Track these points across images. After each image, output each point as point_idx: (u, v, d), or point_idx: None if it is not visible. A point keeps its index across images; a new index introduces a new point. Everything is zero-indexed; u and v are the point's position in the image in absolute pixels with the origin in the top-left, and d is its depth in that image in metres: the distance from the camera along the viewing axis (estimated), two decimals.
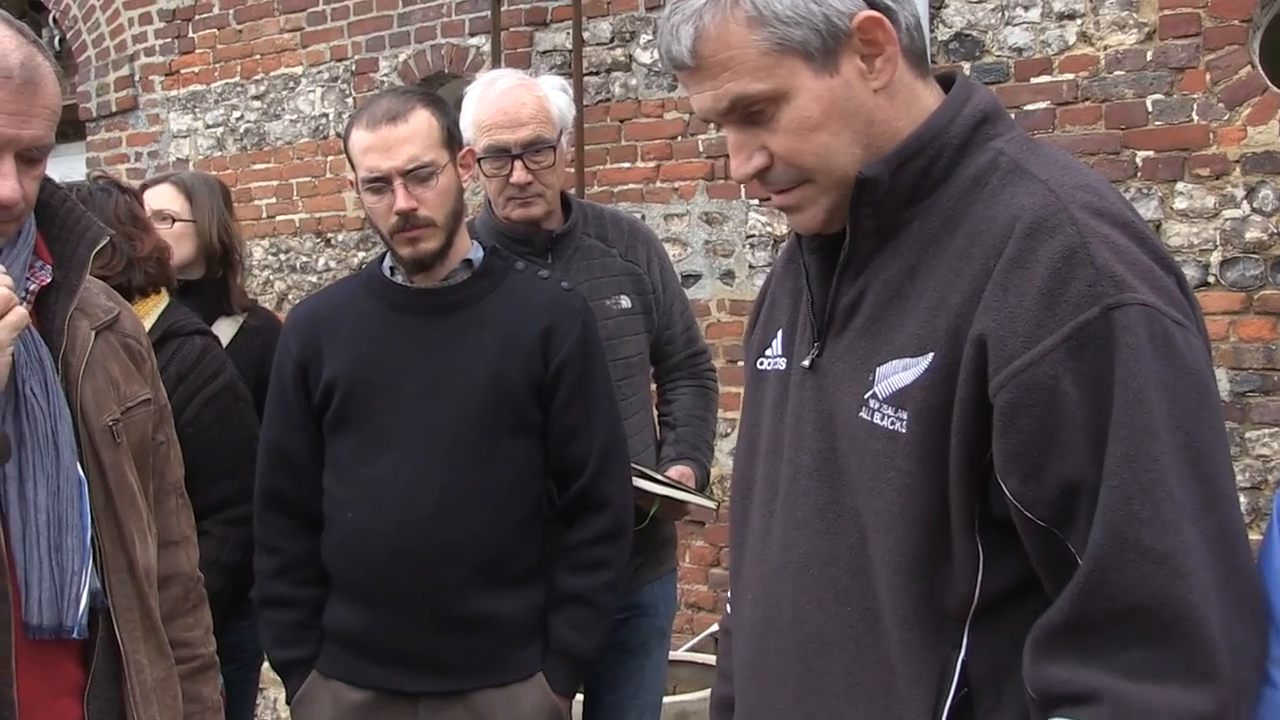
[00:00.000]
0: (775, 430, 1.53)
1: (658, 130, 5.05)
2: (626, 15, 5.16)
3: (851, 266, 1.42)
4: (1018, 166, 1.35)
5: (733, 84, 1.34)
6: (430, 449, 2.42)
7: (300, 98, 6.20)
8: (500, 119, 2.83)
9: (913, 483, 1.31)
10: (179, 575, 2.05)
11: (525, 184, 2.83)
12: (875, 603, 1.36)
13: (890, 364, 1.35)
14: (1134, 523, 1.19)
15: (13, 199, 1.67)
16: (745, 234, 4.93)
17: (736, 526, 1.62)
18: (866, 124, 1.37)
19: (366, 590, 2.45)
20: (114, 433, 1.85)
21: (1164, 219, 4.07)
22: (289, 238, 6.28)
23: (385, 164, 2.40)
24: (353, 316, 2.54)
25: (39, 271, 1.81)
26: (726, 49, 1.33)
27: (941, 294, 1.32)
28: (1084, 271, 1.22)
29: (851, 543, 1.39)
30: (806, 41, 1.32)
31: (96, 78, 6.83)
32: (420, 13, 5.75)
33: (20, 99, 1.65)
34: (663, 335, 3.10)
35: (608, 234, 3.03)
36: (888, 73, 1.36)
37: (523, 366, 2.46)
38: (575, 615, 2.49)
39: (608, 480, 2.53)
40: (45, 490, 1.72)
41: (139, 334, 2.01)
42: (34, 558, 1.70)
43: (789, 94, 1.34)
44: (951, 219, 1.35)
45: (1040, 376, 1.21)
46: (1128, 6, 4.13)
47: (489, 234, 2.87)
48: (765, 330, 1.63)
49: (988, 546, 1.29)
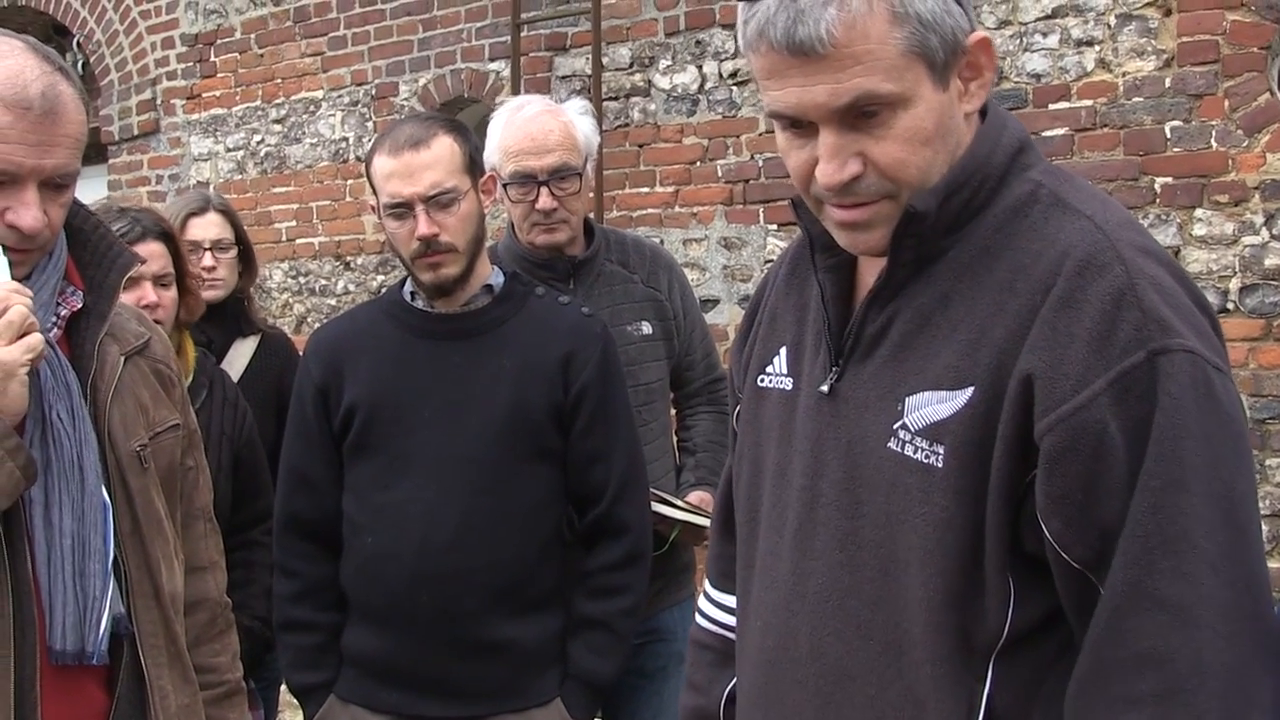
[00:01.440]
0: (782, 453, 1.50)
1: (676, 155, 5.07)
2: (645, 41, 5.18)
3: (884, 293, 1.39)
4: (1059, 199, 1.33)
5: (863, 79, 1.25)
6: (450, 474, 2.42)
7: (320, 121, 6.24)
8: (527, 145, 2.84)
9: (948, 517, 1.29)
10: (206, 600, 2.06)
11: (550, 210, 2.84)
12: (899, 636, 1.34)
13: (923, 395, 1.32)
14: (1153, 573, 1.18)
15: (36, 228, 1.68)
16: (764, 259, 4.93)
17: (744, 548, 1.59)
18: (955, 146, 1.34)
19: (385, 615, 2.45)
20: (142, 458, 1.86)
21: (1182, 245, 4.07)
22: (308, 260, 6.31)
23: (408, 190, 2.42)
24: (373, 341, 2.54)
25: (70, 297, 1.82)
26: (866, 41, 1.24)
27: (982, 327, 1.30)
28: (1131, 314, 1.21)
29: (872, 575, 1.37)
30: (936, 50, 1.27)
31: (119, 101, 6.88)
32: (440, 38, 5.79)
33: (41, 129, 1.66)
34: (682, 361, 3.10)
35: (629, 260, 3.04)
36: (980, 98, 1.35)
37: (543, 392, 2.46)
38: (594, 640, 2.49)
39: (627, 506, 2.53)
40: (70, 515, 1.72)
41: (169, 359, 2.02)
42: (58, 583, 1.71)
43: (911, 101, 1.27)
44: (989, 249, 1.33)
45: (1089, 421, 1.20)
46: (1146, 34, 4.14)
47: (512, 259, 2.88)
48: (765, 346, 1.59)
49: (1018, 582, 1.28)
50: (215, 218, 3.34)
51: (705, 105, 5.05)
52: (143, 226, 2.77)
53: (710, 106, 5.04)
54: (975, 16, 1.38)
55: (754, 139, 4.93)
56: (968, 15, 1.33)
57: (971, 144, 1.37)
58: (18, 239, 1.69)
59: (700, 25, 5.06)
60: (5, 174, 1.65)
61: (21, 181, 1.66)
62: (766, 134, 4.79)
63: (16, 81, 1.65)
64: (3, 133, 1.64)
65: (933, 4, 1.26)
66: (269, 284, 6.32)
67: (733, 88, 4.99)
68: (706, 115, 5.05)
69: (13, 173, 1.65)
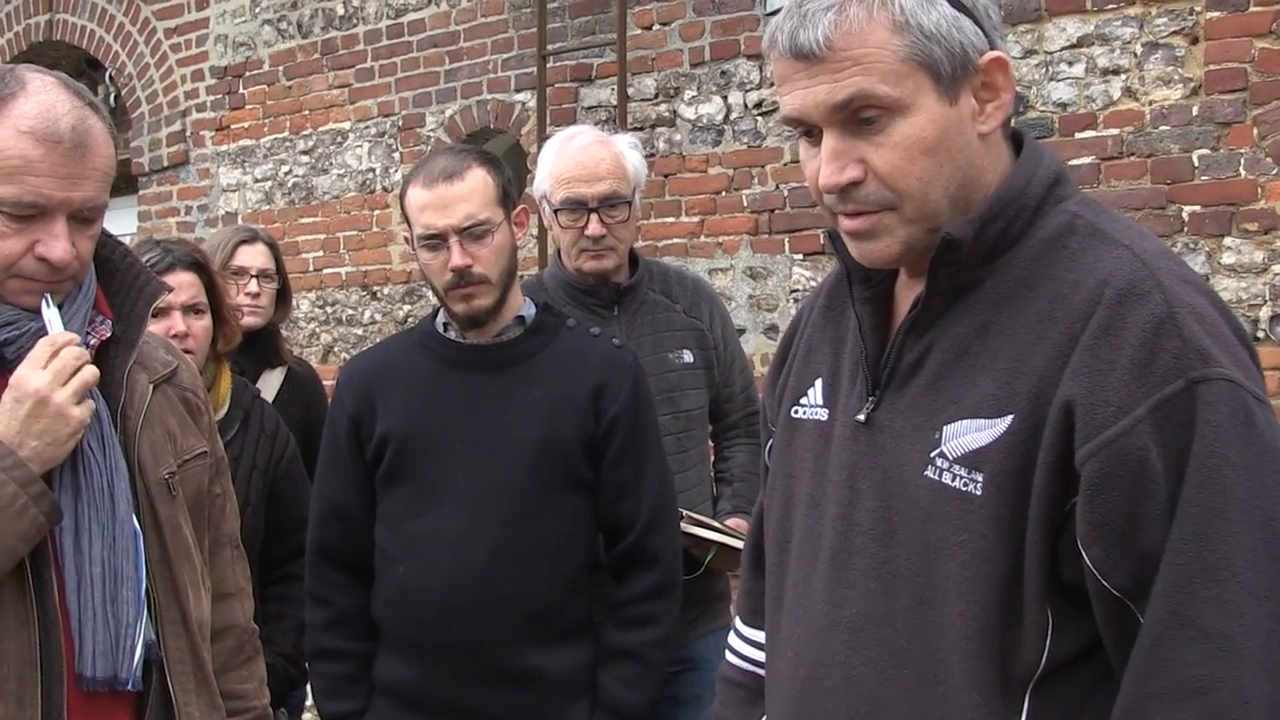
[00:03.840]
0: (816, 483, 1.50)
1: (702, 185, 5.09)
2: (671, 71, 5.21)
3: (920, 323, 1.40)
4: (1096, 230, 1.34)
5: (861, 79, 1.29)
6: (481, 504, 2.43)
7: (348, 152, 6.29)
8: (579, 173, 2.89)
9: (988, 546, 1.29)
10: (233, 627, 2.07)
11: (599, 236, 2.89)
12: (935, 666, 1.34)
13: (961, 423, 1.32)
14: (1194, 602, 1.18)
15: (65, 260, 1.71)
16: (789, 288, 4.94)
17: (773, 580, 1.58)
18: (967, 165, 1.35)
19: (417, 644, 2.45)
20: (170, 486, 1.88)
21: (1211, 274, 4.06)
22: (335, 290, 6.35)
23: (441, 221, 2.44)
24: (406, 372, 2.56)
25: (99, 326, 1.84)
26: (863, 45, 1.29)
27: (1021, 356, 1.30)
28: (1172, 342, 1.22)
29: (907, 604, 1.36)
30: (940, 62, 1.30)
31: (149, 133, 6.96)
32: (466, 69, 5.83)
33: (71, 162, 1.68)
34: (721, 393, 3.12)
35: (672, 290, 3.08)
36: (996, 119, 1.36)
37: (574, 423, 2.47)
38: (625, 671, 2.48)
39: (658, 537, 2.53)
40: (101, 543, 1.74)
41: (197, 387, 2.03)
42: (88, 610, 1.72)
43: (910, 109, 1.30)
44: (1027, 280, 1.34)
45: (1130, 447, 1.21)
46: (1173, 62, 4.14)
47: (557, 285, 2.94)
48: (800, 377, 1.59)
49: (1056, 612, 1.28)
50: (263, 248, 3.47)
51: (730, 135, 5.07)
52: (173, 256, 2.79)
53: (735, 137, 5.06)
54: (1000, 39, 1.38)
55: (779, 169, 4.94)
56: (987, 35, 1.34)
57: (1009, 176, 1.38)
58: (48, 271, 1.71)
59: (725, 56, 5.08)
60: (35, 206, 1.68)
61: (51, 214, 1.69)
62: (791, 164, 4.81)
63: (48, 116, 1.68)
64: (33, 166, 1.67)
65: (937, 17, 1.30)
66: (296, 313, 6.36)
67: (758, 118, 5.01)
68: (732, 145, 5.07)
69: (42, 205, 1.68)
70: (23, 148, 1.66)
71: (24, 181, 1.67)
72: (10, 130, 1.67)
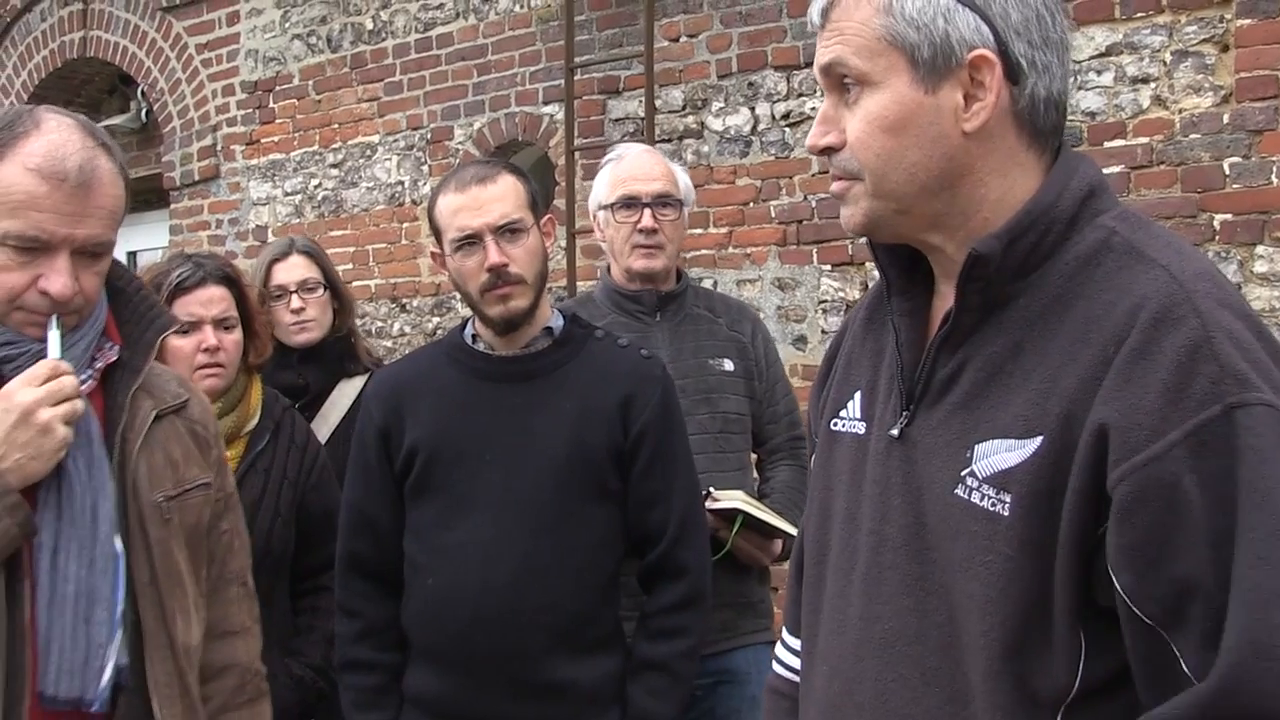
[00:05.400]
0: (852, 496, 1.49)
1: (730, 196, 5.09)
2: (698, 83, 5.22)
3: (952, 338, 1.39)
4: (1133, 248, 1.32)
5: (839, 49, 1.38)
6: (511, 515, 2.44)
7: (377, 165, 6.32)
8: (635, 172, 3.08)
9: (1014, 567, 1.27)
10: (235, 666, 2.06)
11: (652, 230, 3.00)
12: (964, 684, 1.33)
13: (991, 443, 1.31)
14: (1273, 629, 1.15)
15: (65, 294, 1.74)
16: (818, 299, 4.93)
17: (810, 593, 1.58)
18: (943, 159, 1.36)
19: (446, 655, 2.46)
20: (164, 510, 1.88)
21: (1243, 282, 4.02)
22: (365, 303, 6.37)
23: (476, 221, 2.45)
24: (434, 383, 2.57)
25: (107, 351, 1.88)
26: (849, 19, 1.37)
27: (1053, 377, 1.29)
28: (1208, 367, 1.20)
29: (940, 621, 1.35)
30: (917, 47, 1.34)
31: (181, 147, 7.01)
32: (494, 82, 5.86)
33: (75, 201, 1.73)
34: (765, 414, 3.13)
35: (715, 307, 3.18)
36: (979, 119, 1.34)
37: (603, 434, 2.48)
38: (653, 683, 2.48)
39: (686, 548, 2.53)
40: (78, 562, 1.74)
41: (207, 422, 2.05)
42: (58, 627, 1.72)
43: (879, 86, 1.36)
44: (1061, 298, 1.33)
45: (1161, 473, 1.19)
46: (1203, 70, 4.12)
47: (604, 295, 3.06)
48: (841, 390, 1.59)
49: (1090, 636, 1.26)
50: (299, 259, 3.35)
51: (758, 147, 5.07)
52: (205, 271, 2.81)
53: (763, 148, 5.06)
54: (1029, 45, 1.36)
55: (807, 180, 4.94)
56: (997, 34, 1.34)
57: (1039, 189, 1.37)
58: (49, 305, 1.75)
59: (752, 67, 5.08)
60: (38, 241, 1.72)
61: (53, 249, 1.73)
62: (819, 175, 4.80)
63: (55, 155, 1.72)
64: (37, 202, 1.71)
65: (923, 4, 1.34)
66: None
67: (785, 129, 5.01)
68: (759, 156, 5.07)
69: (45, 240, 1.72)
70: (28, 184, 1.71)
71: (28, 217, 1.71)
72: (18, 167, 1.71)
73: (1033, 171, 1.39)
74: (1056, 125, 1.41)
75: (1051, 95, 1.38)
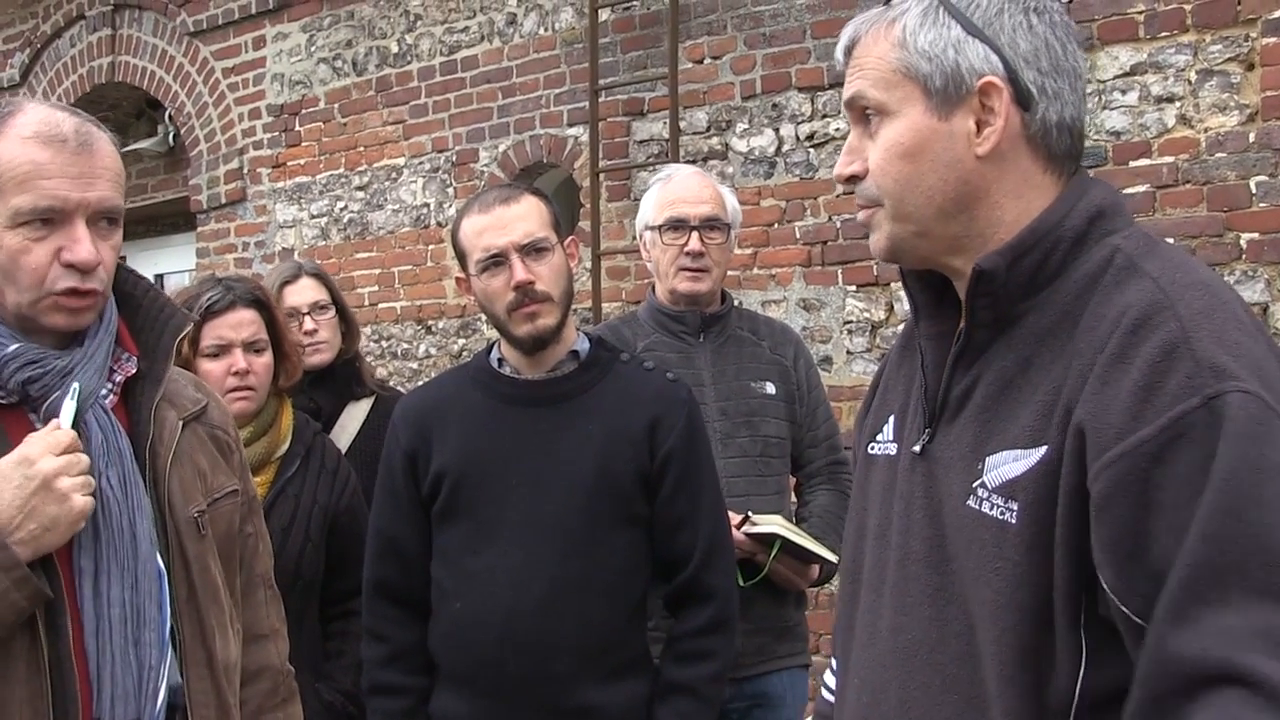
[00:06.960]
0: (883, 515, 1.54)
1: (754, 217, 5.09)
2: (722, 105, 5.23)
3: (966, 355, 1.44)
4: (1132, 264, 1.35)
5: (860, 83, 1.45)
6: (537, 540, 2.44)
7: (402, 188, 6.36)
8: (684, 194, 3.06)
9: (1021, 574, 1.30)
10: (267, 669, 2.04)
11: (699, 253, 3.00)
12: (981, 691, 1.35)
13: (1001, 454, 1.35)
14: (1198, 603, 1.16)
15: (90, 260, 1.70)
16: (843, 320, 4.93)
17: (844, 610, 1.62)
18: (959, 182, 1.41)
19: (474, 680, 2.46)
20: (200, 524, 1.85)
21: (1271, 301, 4.01)
22: (390, 325, 6.40)
23: (502, 239, 2.47)
24: (461, 408, 2.57)
25: (125, 363, 1.83)
26: (869, 55, 1.45)
27: (1056, 389, 1.33)
28: (1184, 365, 1.22)
29: (959, 630, 1.38)
30: (929, 77, 1.40)
31: (208, 171, 7.07)
32: (519, 104, 5.88)
33: (80, 161, 1.70)
34: (805, 438, 3.13)
35: (759, 329, 3.17)
36: (990, 143, 1.40)
37: (629, 458, 2.48)
38: (681, 707, 2.48)
39: (713, 571, 2.53)
40: (121, 584, 1.70)
41: (227, 425, 2.02)
42: (107, 653, 1.68)
43: (896, 115, 1.42)
44: (1069, 314, 1.36)
45: (1132, 467, 1.21)
46: (1228, 89, 4.11)
47: (650, 314, 3.06)
48: (878, 415, 1.64)
49: (1093, 641, 1.28)
50: (309, 282, 3.38)
51: (783, 168, 5.08)
52: (235, 294, 2.82)
53: (788, 169, 5.07)
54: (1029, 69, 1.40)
55: (831, 200, 4.94)
56: (1006, 63, 1.39)
57: (1046, 209, 1.41)
58: (78, 278, 1.71)
59: (776, 89, 5.10)
60: (53, 210, 1.68)
61: (70, 217, 1.69)
62: (844, 195, 4.80)
63: (49, 120, 1.70)
64: (44, 169, 1.68)
65: (935, 37, 1.41)
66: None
67: (810, 150, 5.01)
68: (784, 178, 5.07)
69: (59, 207, 1.69)
70: (30, 153, 1.68)
71: (37, 187, 1.67)
72: (14, 140, 1.69)
73: (1049, 194, 1.43)
74: (1071, 149, 1.45)
75: (1064, 120, 1.42)
